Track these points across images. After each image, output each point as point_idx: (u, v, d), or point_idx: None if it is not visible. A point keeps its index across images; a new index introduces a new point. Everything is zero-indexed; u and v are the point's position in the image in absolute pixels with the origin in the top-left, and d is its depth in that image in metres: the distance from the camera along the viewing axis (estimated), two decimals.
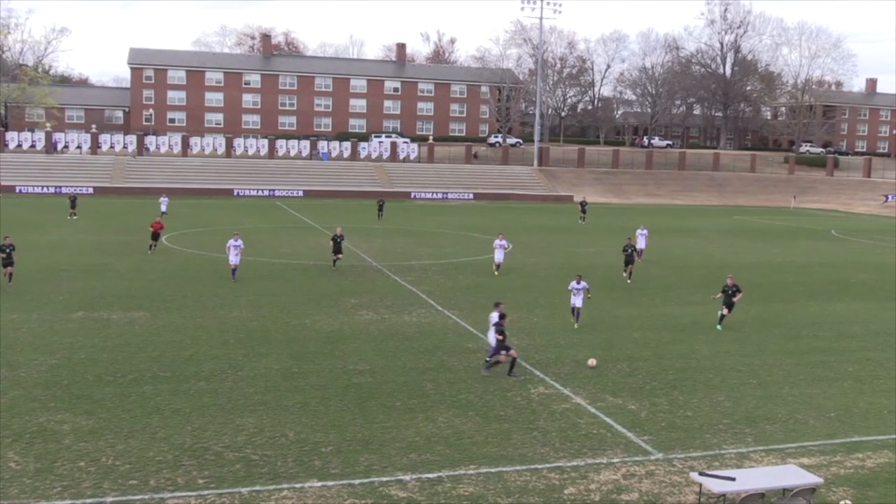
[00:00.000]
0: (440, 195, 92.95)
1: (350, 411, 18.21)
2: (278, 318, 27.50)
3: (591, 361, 22.28)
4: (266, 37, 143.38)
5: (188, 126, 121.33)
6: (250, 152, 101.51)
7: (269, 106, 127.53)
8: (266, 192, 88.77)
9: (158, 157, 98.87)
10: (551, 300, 31.80)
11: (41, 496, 13.63)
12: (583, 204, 69.50)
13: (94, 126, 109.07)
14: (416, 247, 47.90)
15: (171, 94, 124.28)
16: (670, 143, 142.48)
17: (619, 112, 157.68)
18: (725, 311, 28.12)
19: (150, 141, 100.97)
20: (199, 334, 24.90)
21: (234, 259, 34.08)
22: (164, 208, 61.50)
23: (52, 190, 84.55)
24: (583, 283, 27.05)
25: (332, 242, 38.07)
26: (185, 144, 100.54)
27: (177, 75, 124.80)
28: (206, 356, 22.30)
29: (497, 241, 38.35)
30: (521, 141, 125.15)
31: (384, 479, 14.74)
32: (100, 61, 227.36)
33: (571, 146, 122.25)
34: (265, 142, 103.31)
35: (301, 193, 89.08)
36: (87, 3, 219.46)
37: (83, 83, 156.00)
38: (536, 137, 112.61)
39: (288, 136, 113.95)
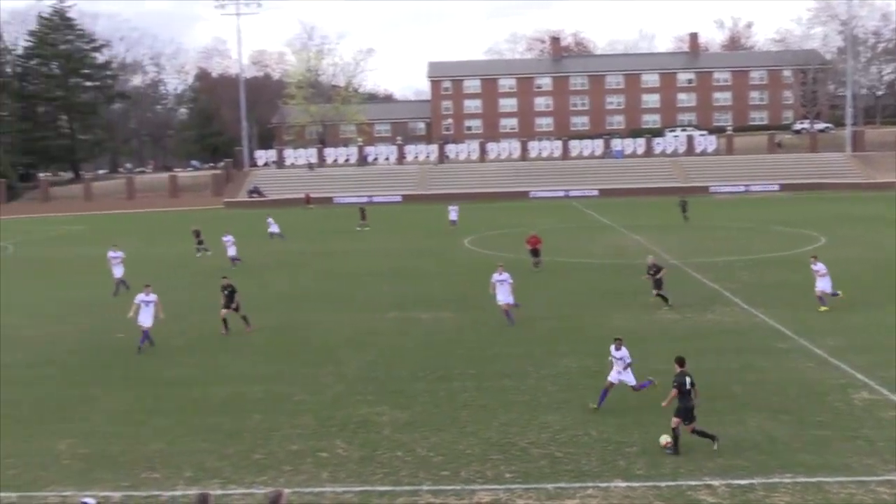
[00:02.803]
0: (741, 188, 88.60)
1: (653, 412, 17.80)
2: (576, 316, 27.64)
3: (664, 440, 15.73)
4: (555, 39, 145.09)
5: (484, 132, 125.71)
6: (544, 154, 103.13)
7: (560, 107, 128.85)
8: (561, 193, 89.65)
9: (458, 163, 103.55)
10: (869, 297, 29.05)
11: (364, 482, 14.73)
12: None
13: (399, 138, 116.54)
14: (717, 242, 46.01)
15: (467, 102, 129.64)
16: None
17: None
18: None
19: (451, 149, 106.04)
20: (502, 333, 25.67)
21: (505, 298, 27.08)
22: (453, 216, 59.74)
23: (364, 199, 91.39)
24: (623, 350, 17.87)
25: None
26: (483, 150, 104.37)
27: (472, 84, 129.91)
28: (509, 354, 22.92)
29: (816, 266, 28.12)
30: (830, 125, 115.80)
31: (692, 482, 14.26)
32: (402, 77, 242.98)
33: (890, 128, 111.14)
34: (559, 143, 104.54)
35: (596, 193, 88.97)
36: (391, 24, 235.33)
37: (388, 99, 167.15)
38: (849, 121, 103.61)
39: (581, 135, 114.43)
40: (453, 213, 60.53)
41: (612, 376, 17.96)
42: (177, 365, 23.15)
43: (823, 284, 27.57)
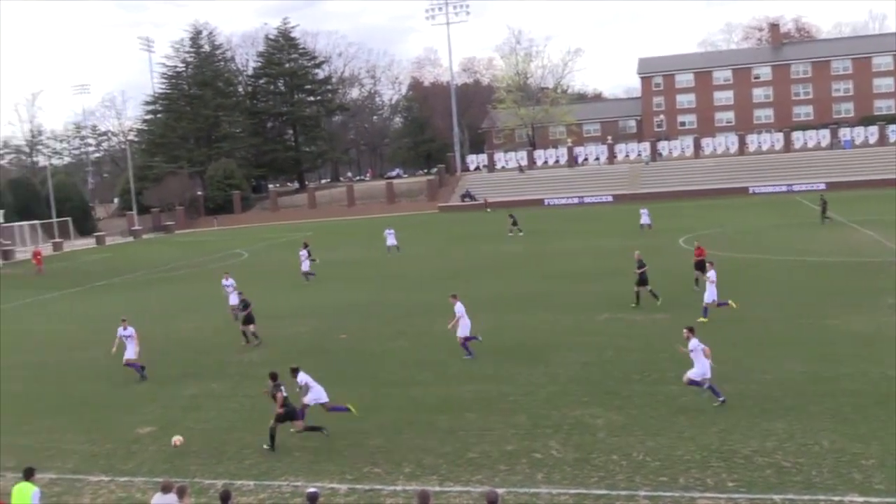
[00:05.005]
0: None
1: (893, 422, 16.45)
2: (799, 318, 26.05)
3: (176, 440, 17.44)
4: (774, 26, 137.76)
5: (698, 128, 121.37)
6: (764, 147, 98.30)
7: (781, 97, 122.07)
8: (783, 188, 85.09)
9: (671, 161, 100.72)
10: None
11: (580, 484, 14.60)
12: None
13: (609, 137, 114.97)
14: None
15: (679, 98, 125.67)
16: None
17: None
18: None
19: (663, 146, 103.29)
20: (721, 335, 24.57)
21: (463, 332, 24.26)
22: (645, 220, 56.51)
23: (575, 201, 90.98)
24: (304, 377, 18.35)
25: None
26: (697, 146, 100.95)
27: (684, 79, 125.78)
28: (730, 358, 21.84)
29: (709, 273, 26.69)
30: None
31: None
32: (612, 75, 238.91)
33: None
34: (780, 135, 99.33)
35: (823, 186, 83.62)
36: (598, 23, 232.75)
37: (597, 98, 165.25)
38: None
39: (804, 126, 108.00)
40: (645, 216, 57.07)
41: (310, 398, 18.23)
42: (395, 366, 24.02)
43: (711, 294, 26.33)
